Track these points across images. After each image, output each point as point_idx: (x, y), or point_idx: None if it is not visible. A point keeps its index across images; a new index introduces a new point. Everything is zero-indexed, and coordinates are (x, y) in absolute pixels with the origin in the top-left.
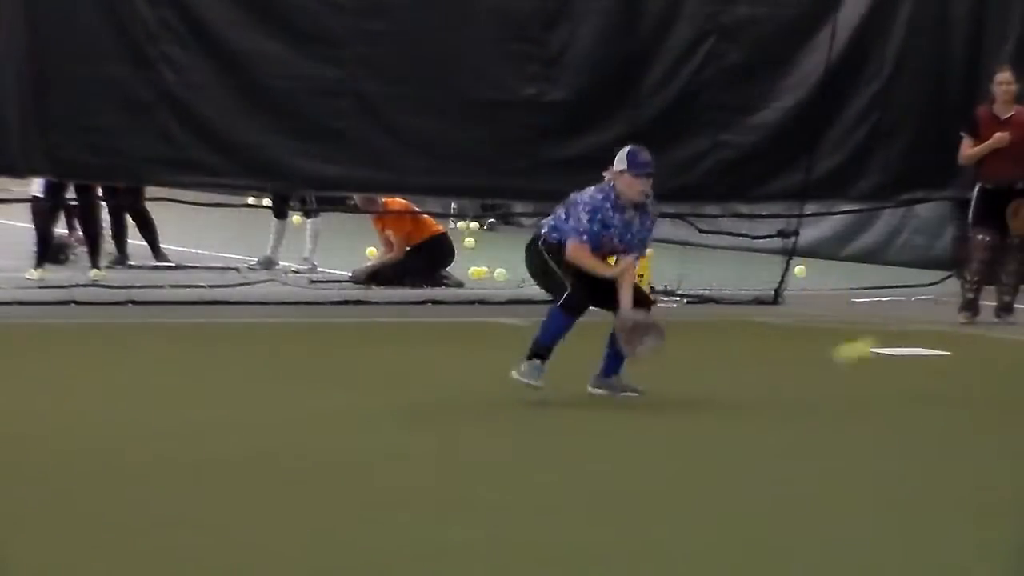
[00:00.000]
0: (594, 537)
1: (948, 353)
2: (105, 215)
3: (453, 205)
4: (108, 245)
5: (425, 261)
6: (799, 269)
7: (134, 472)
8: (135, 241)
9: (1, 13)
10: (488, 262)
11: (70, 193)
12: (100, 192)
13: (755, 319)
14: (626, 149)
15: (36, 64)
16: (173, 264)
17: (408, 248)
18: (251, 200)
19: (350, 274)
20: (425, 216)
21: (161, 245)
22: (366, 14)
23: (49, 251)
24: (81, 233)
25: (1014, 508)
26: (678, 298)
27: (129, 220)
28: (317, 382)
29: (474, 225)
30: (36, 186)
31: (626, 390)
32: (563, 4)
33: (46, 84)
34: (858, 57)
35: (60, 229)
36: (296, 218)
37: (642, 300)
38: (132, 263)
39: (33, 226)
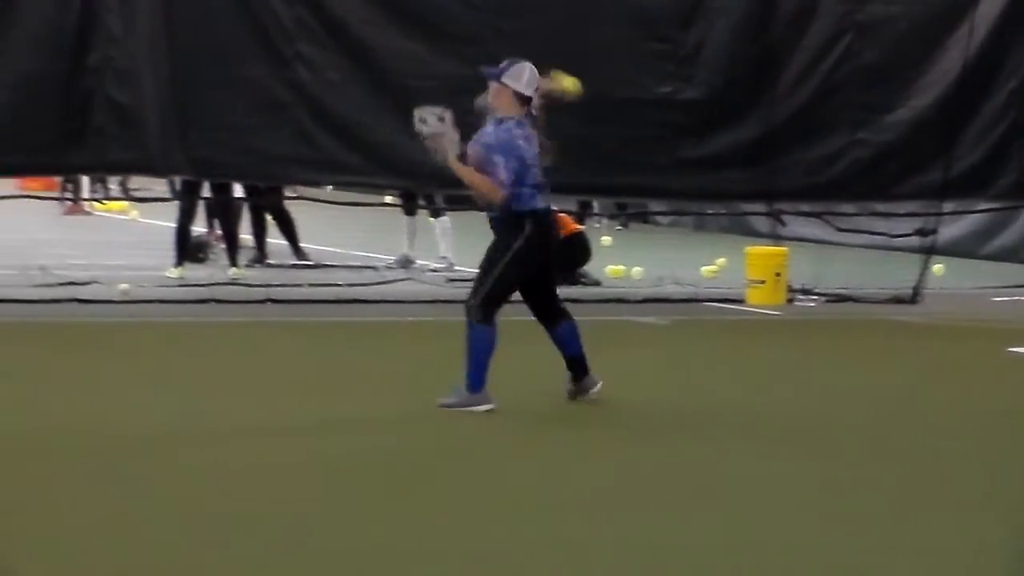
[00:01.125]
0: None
1: None
2: (245, 213)
3: (595, 205)
4: (248, 243)
5: (562, 260)
6: (937, 268)
7: (270, 468)
8: (275, 240)
9: (139, 15)
10: (625, 260)
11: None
12: (241, 191)
13: (893, 318)
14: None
15: (174, 65)
16: (312, 263)
17: None
18: (389, 199)
19: None
20: (562, 214)
21: (300, 244)
22: (501, 12)
23: (189, 250)
24: (220, 232)
25: None
26: (816, 297)
27: (269, 218)
28: (452, 381)
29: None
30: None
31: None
32: (698, 2)
33: (184, 84)
34: (996, 54)
35: (200, 228)
36: (430, 219)
37: None
38: (271, 262)
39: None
